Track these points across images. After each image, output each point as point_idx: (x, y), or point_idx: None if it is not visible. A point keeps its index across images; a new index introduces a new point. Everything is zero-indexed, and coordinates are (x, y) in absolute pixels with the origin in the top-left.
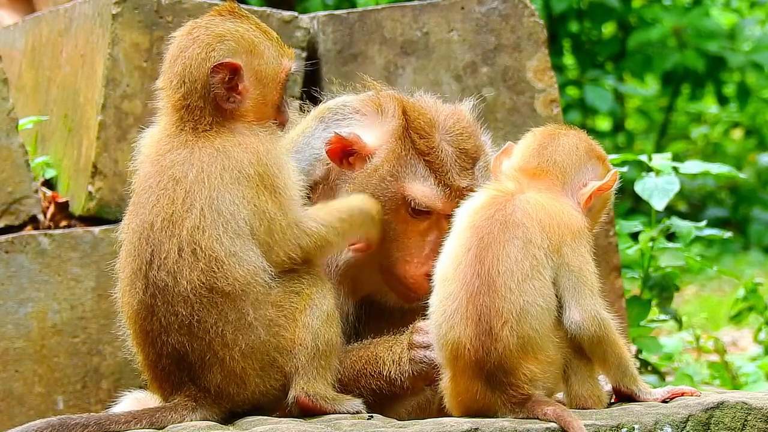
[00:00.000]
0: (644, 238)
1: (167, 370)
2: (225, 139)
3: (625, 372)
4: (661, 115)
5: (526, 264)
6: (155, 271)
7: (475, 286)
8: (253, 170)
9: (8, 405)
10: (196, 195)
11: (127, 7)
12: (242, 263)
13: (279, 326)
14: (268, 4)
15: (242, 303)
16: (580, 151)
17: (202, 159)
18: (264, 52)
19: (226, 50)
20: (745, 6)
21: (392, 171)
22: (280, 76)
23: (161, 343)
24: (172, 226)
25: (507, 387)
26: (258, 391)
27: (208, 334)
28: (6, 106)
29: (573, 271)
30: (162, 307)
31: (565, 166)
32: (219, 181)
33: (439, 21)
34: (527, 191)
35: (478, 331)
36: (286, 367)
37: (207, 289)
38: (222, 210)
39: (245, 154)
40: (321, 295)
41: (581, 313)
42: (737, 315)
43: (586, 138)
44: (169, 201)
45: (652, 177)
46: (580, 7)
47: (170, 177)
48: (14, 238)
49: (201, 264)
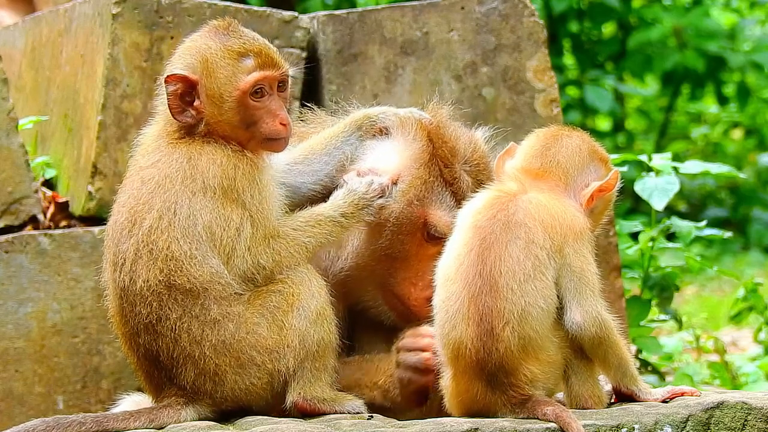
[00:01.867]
0: (644, 238)
1: (148, 372)
2: (195, 150)
3: (626, 372)
4: (661, 115)
5: (528, 264)
6: (118, 272)
7: (477, 287)
8: (217, 183)
9: (8, 405)
10: (156, 198)
11: (127, 7)
12: (202, 265)
13: (255, 324)
14: (268, 4)
15: (204, 299)
16: (582, 152)
17: (170, 164)
18: (216, 72)
19: (185, 65)
20: (745, 6)
21: (419, 196)
22: (234, 95)
23: (136, 345)
24: (132, 227)
25: (507, 387)
26: (238, 389)
27: (173, 331)
28: (6, 106)
29: (575, 271)
30: (128, 308)
31: (567, 167)
32: (180, 187)
33: (439, 21)
34: (530, 192)
35: (480, 331)
36: (268, 365)
37: (165, 286)
38: (180, 215)
39: (212, 167)
40: (309, 294)
41: (582, 314)
42: (737, 315)
43: (588, 139)
44: (133, 201)
45: (652, 177)
46: (580, 7)
47: (140, 178)
48: (14, 238)
49: (159, 263)
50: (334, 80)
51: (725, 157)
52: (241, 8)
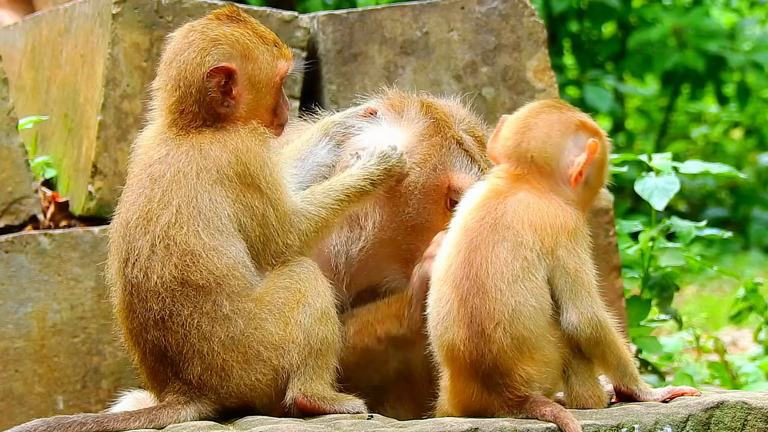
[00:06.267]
0: (644, 238)
1: (153, 367)
2: (206, 140)
3: (625, 372)
4: (661, 115)
5: (516, 265)
6: (130, 268)
7: (465, 288)
8: (233, 170)
9: (8, 405)
10: (173, 194)
11: (127, 7)
12: (221, 257)
13: (262, 320)
14: (268, 4)
15: (217, 295)
16: (554, 134)
17: (179, 159)
18: (258, 57)
19: (221, 55)
20: (745, 6)
21: (441, 161)
22: (274, 80)
23: (143, 341)
24: (147, 224)
25: (503, 389)
26: (243, 384)
27: (183, 327)
28: (6, 106)
29: (569, 273)
30: (138, 304)
31: (545, 160)
32: (196, 180)
33: (439, 21)
34: (518, 192)
35: (471, 333)
36: (274, 361)
37: (179, 283)
38: (201, 208)
39: (224, 154)
40: (315, 293)
41: (578, 316)
42: (737, 315)
43: (558, 114)
44: (145, 200)
45: (652, 177)
46: (580, 7)
47: (148, 176)
48: (14, 238)
49: (174, 258)
50: (334, 80)
51: (725, 157)
52: (241, 8)
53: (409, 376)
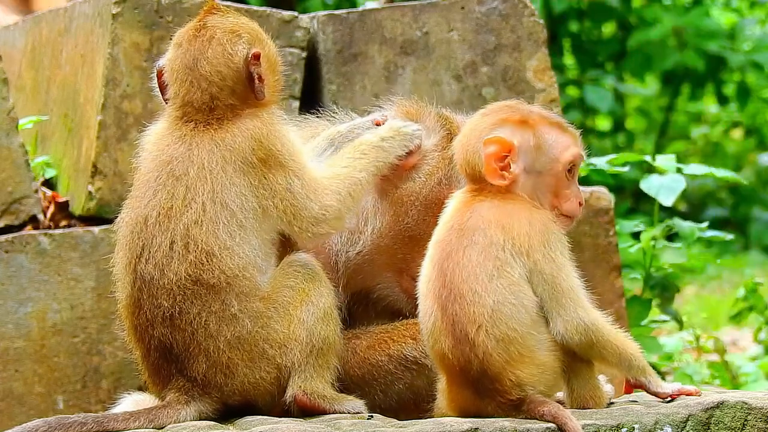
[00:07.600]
0: (646, 237)
1: (156, 364)
2: (228, 133)
3: (631, 365)
4: (661, 114)
5: (489, 265)
6: (143, 264)
7: (443, 297)
8: (256, 157)
9: (8, 405)
10: (197, 190)
11: (127, 7)
12: (234, 257)
13: (268, 318)
14: (268, 4)
15: (226, 295)
16: (471, 142)
17: (201, 156)
18: (267, 39)
19: (247, 42)
20: (745, 6)
21: (446, 175)
22: (278, 61)
23: (149, 337)
24: (168, 221)
25: (495, 394)
26: (247, 382)
27: (191, 325)
28: (6, 106)
29: (547, 280)
30: (147, 300)
31: (471, 168)
32: (222, 175)
33: (439, 21)
34: (483, 201)
35: (455, 340)
36: (278, 359)
37: (192, 281)
38: (227, 202)
39: (247, 142)
40: (318, 293)
41: (563, 324)
42: (737, 315)
43: (472, 123)
44: (167, 196)
45: (658, 175)
46: (580, 7)
47: (169, 173)
48: (14, 238)
49: (191, 257)
50: (334, 80)
51: (725, 156)
52: (241, 8)
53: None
